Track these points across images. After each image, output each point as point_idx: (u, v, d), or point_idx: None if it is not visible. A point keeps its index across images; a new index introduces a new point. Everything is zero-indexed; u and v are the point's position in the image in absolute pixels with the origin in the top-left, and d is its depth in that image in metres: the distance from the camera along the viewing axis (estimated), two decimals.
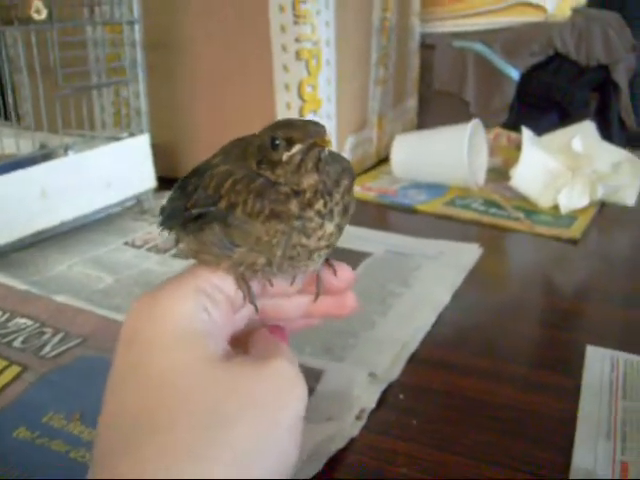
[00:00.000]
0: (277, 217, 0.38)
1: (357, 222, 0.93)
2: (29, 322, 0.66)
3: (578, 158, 1.00)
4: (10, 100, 1.05)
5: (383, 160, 1.21)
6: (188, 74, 1.05)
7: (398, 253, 0.83)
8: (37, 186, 0.82)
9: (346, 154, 1.08)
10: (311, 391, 0.54)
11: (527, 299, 0.76)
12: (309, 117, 0.98)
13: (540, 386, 0.58)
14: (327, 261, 0.45)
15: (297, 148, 0.38)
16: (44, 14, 0.76)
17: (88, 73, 1.07)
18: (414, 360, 0.61)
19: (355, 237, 0.87)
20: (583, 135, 1.02)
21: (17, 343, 0.62)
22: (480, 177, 1.09)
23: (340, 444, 0.49)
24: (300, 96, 0.96)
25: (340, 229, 0.41)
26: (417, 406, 0.55)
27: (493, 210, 1.00)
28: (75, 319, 0.66)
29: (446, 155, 1.05)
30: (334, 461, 0.48)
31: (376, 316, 0.67)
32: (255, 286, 0.42)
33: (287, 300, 0.46)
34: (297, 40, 0.94)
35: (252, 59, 0.97)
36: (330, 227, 0.40)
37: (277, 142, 0.39)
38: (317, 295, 0.45)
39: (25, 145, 0.91)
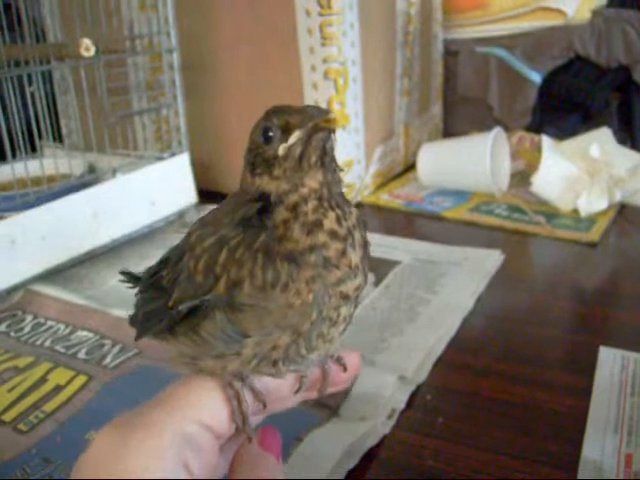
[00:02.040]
0: (294, 262, 0.31)
1: (385, 230, 0.99)
2: (90, 334, 0.73)
3: (596, 163, 1.04)
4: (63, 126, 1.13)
5: (410, 167, 1.26)
6: (222, 93, 1.11)
7: (425, 261, 0.88)
8: (89, 208, 0.89)
9: (375, 164, 1.14)
10: (346, 393, 0.60)
11: (546, 303, 0.81)
12: (339, 133, 1.03)
13: (555, 386, 0.63)
14: (337, 359, 0.40)
15: (296, 136, 0.31)
16: (92, 51, 0.83)
17: (131, 99, 1.14)
18: (440, 363, 0.67)
19: (383, 245, 0.92)
20: (600, 141, 1.06)
21: (81, 354, 0.69)
22: (503, 183, 1.14)
23: (374, 441, 0.55)
24: None
25: (365, 273, 0.35)
26: (442, 406, 0.61)
27: (516, 215, 1.05)
28: (131, 331, 0.73)
29: (470, 163, 1.10)
30: (368, 457, 0.54)
31: (404, 323, 0.73)
32: (251, 404, 0.36)
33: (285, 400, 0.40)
34: (325, 61, 1.00)
35: (282, 77, 1.02)
36: (354, 256, 0.33)
37: (270, 133, 0.32)
38: (320, 396, 0.41)
39: (76, 166, 0.98)
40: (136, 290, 0.41)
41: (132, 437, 0.31)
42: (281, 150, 0.32)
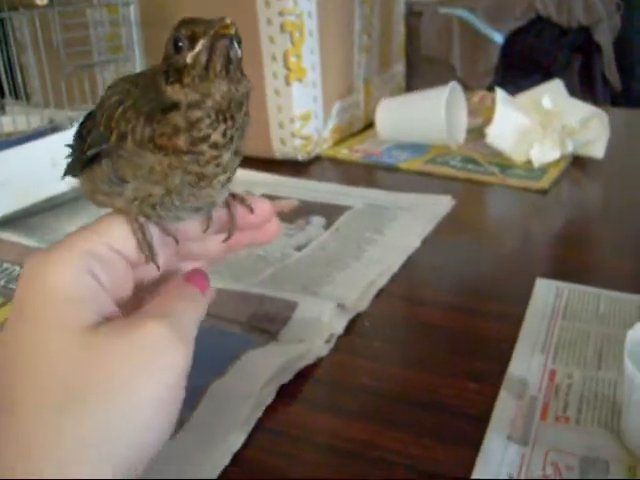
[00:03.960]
0: (164, 150, 0.35)
1: (341, 181, 1.01)
2: None
3: (548, 115, 1.07)
4: (19, 80, 1.13)
5: (371, 124, 1.28)
6: None
7: (376, 206, 0.90)
8: (47, 156, 0.90)
9: (333, 119, 1.15)
10: (286, 319, 0.62)
11: (491, 244, 0.83)
12: (295, 85, 1.05)
13: (490, 314, 0.66)
14: (243, 200, 0.43)
15: (200, 44, 0.34)
16: (46, 0, 0.83)
17: (91, 52, 1.14)
18: (382, 295, 0.69)
19: (337, 193, 0.94)
20: (553, 93, 1.09)
21: None
22: (460, 135, 1.16)
23: (309, 361, 0.57)
24: (286, 65, 1.03)
25: (237, 154, 0.38)
26: (380, 331, 0.63)
27: (470, 166, 1.07)
28: None
29: (426, 116, 1.12)
30: (303, 376, 0.56)
31: (351, 260, 0.75)
32: (158, 237, 0.40)
33: (204, 242, 0.44)
34: (280, 14, 1.01)
35: (240, 32, 1.03)
36: (227, 156, 0.37)
37: (180, 43, 0.35)
38: (229, 236, 0.43)
39: (35, 121, 0.99)
40: None
41: (48, 255, 0.36)
42: (189, 58, 0.34)
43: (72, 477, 0.31)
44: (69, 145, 0.44)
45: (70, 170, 0.43)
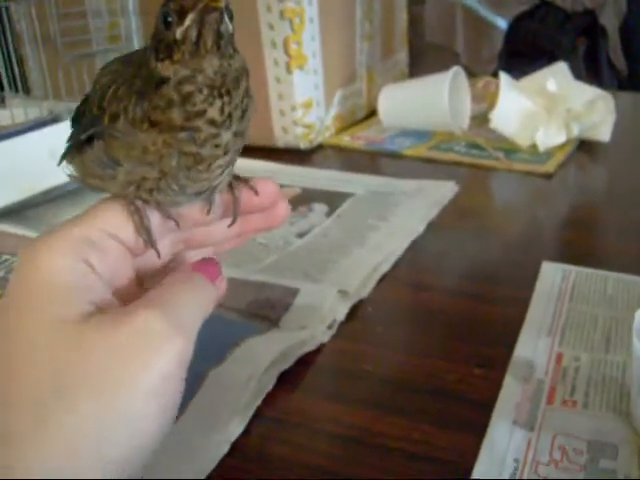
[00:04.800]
0: (158, 127, 0.34)
1: (343, 168, 1.00)
2: None
3: (553, 98, 1.05)
4: (18, 72, 1.12)
5: (374, 112, 1.27)
6: None
7: (379, 193, 0.89)
8: (45, 147, 0.89)
9: (335, 106, 1.14)
10: (288, 306, 0.61)
11: (496, 227, 0.82)
12: (296, 73, 1.04)
13: (496, 298, 0.65)
14: (246, 182, 0.42)
15: (189, 18, 0.33)
16: None
17: (90, 42, 1.13)
18: (385, 280, 0.68)
19: (340, 180, 0.93)
20: (557, 76, 1.07)
21: None
22: (464, 121, 1.14)
23: (311, 347, 0.56)
24: (286, 52, 1.02)
25: (239, 136, 0.37)
26: (383, 317, 0.62)
27: (474, 151, 1.05)
28: None
29: (429, 101, 1.11)
30: (305, 363, 0.55)
31: (353, 246, 0.74)
32: (157, 223, 0.39)
33: (209, 228, 0.42)
34: (280, 0, 1.00)
35: (238, 19, 1.02)
36: (227, 135, 0.35)
37: (169, 19, 0.33)
38: (234, 220, 0.42)
39: (33, 113, 0.98)
40: None
41: (40, 242, 0.35)
42: (178, 34, 0.33)
43: (60, 477, 0.30)
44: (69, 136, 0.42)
45: (66, 156, 0.41)
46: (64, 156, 0.41)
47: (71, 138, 0.41)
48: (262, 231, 0.44)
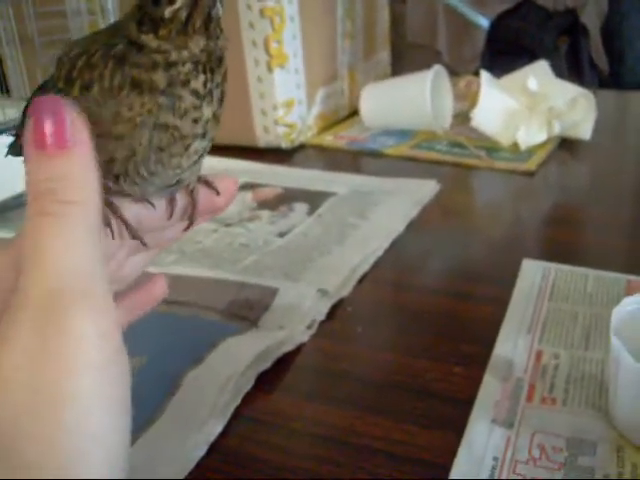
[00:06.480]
0: (138, 88, 0.32)
1: (325, 168, 0.99)
2: None
3: (534, 96, 1.05)
4: None
5: (356, 111, 1.26)
6: None
7: (360, 192, 0.89)
8: None
9: (317, 106, 1.14)
10: (267, 306, 0.61)
11: (477, 226, 0.82)
12: (277, 72, 1.04)
13: (476, 297, 0.65)
14: (207, 183, 0.40)
15: (180, 0, 0.32)
16: None
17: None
18: (365, 280, 0.68)
19: (321, 180, 0.93)
20: (538, 74, 1.07)
21: None
22: (445, 120, 1.14)
23: (290, 347, 0.56)
24: (267, 52, 1.02)
25: (217, 119, 0.35)
26: (363, 316, 0.62)
27: (456, 150, 1.05)
28: None
29: (411, 100, 1.11)
30: (284, 362, 0.55)
31: (333, 245, 0.74)
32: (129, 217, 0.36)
33: (163, 231, 0.40)
34: None
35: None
36: (208, 112, 0.34)
37: None
38: (190, 224, 0.40)
39: (11, 113, 0.97)
40: None
41: None
42: (167, 13, 0.32)
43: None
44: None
45: (12, 149, 0.38)
46: (10, 148, 0.39)
47: (18, 129, 0.37)
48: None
